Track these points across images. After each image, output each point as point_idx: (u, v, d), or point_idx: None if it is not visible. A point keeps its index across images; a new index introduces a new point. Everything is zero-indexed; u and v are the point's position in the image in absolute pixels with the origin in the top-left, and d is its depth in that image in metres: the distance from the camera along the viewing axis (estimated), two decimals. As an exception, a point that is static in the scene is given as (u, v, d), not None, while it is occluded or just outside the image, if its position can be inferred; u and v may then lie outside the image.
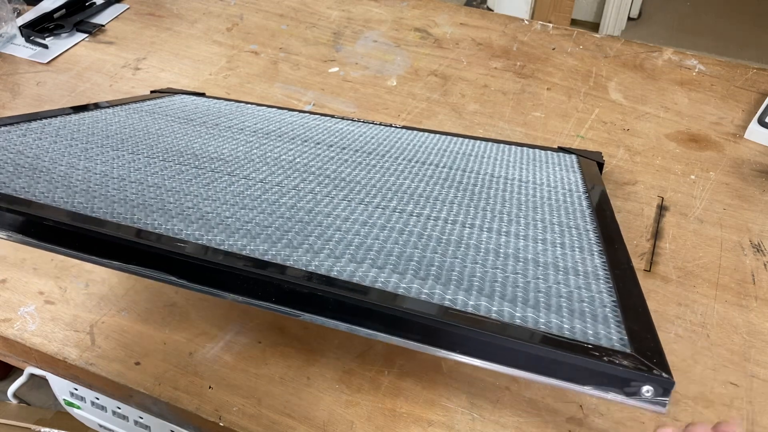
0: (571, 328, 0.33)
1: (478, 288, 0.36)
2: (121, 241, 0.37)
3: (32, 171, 0.46)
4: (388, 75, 0.86)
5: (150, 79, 0.86)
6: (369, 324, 0.34)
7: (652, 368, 0.30)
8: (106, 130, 0.59)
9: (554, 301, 0.36)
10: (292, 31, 0.95)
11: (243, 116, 0.70)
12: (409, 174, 0.55)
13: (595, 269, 0.40)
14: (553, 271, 0.39)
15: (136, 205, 0.42)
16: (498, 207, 0.49)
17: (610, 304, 0.36)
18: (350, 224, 0.43)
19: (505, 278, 0.38)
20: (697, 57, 0.87)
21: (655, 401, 0.30)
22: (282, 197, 0.47)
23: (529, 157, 0.63)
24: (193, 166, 0.52)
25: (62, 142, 0.54)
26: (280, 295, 0.35)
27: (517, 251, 0.42)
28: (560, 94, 0.82)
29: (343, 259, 0.38)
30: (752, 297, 0.57)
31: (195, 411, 0.50)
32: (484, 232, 0.44)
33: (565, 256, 0.41)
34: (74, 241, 0.38)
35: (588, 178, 0.57)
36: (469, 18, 0.96)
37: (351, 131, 0.67)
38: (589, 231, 0.46)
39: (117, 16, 1.00)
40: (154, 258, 0.37)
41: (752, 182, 0.69)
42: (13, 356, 0.59)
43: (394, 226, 0.44)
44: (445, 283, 0.36)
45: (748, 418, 0.49)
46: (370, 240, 0.41)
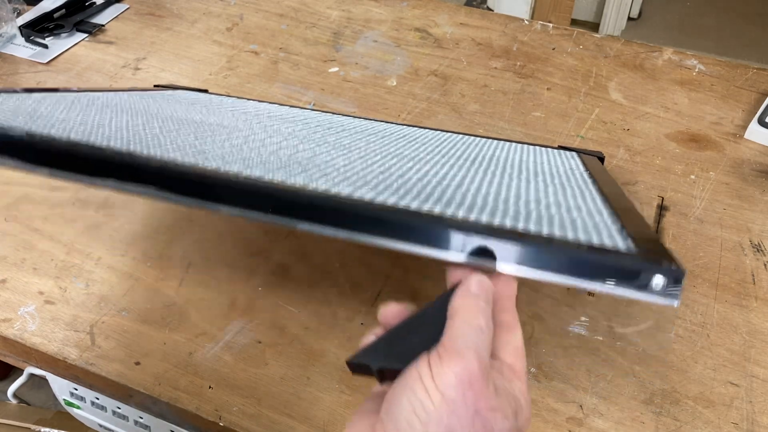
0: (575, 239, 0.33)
1: (480, 208, 0.36)
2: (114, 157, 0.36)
3: (30, 116, 0.46)
4: (388, 75, 0.86)
5: (150, 79, 0.86)
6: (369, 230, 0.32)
7: (661, 260, 0.30)
8: (104, 104, 0.58)
9: (557, 220, 0.35)
10: (292, 31, 0.95)
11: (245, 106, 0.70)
12: (407, 144, 0.54)
13: (598, 209, 0.40)
14: (555, 207, 0.39)
15: (132, 142, 0.41)
16: (499, 170, 0.49)
17: (615, 228, 0.35)
18: (349, 167, 0.42)
19: (506, 208, 0.37)
20: (697, 57, 0.87)
21: (666, 293, 0.29)
22: (280, 150, 0.46)
23: (529, 149, 0.63)
24: (192, 128, 0.51)
25: (61, 105, 0.53)
26: (277, 205, 0.33)
27: (518, 194, 0.41)
28: (560, 94, 0.82)
29: (341, 185, 0.37)
30: (752, 297, 0.57)
31: (195, 411, 0.50)
32: (484, 183, 0.43)
33: (567, 199, 0.41)
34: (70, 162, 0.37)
35: (589, 165, 0.57)
36: (469, 18, 0.96)
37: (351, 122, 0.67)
38: (592, 191, 0.46)
39: (117, 16, 0.99)
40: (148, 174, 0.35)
41: (752, 182, 0.69)
42: (12, 356, 0.60)
43: (393, 172, 0.43)
44: (445, 204, 0.36)
45: (748, 418, 0.49)
46: (369, 177, 0.40)
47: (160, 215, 0.65)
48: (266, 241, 0.63)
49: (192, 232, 0.64)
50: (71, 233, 0.64)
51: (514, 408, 0.29)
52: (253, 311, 0.57)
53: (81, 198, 0.67)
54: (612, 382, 0.51)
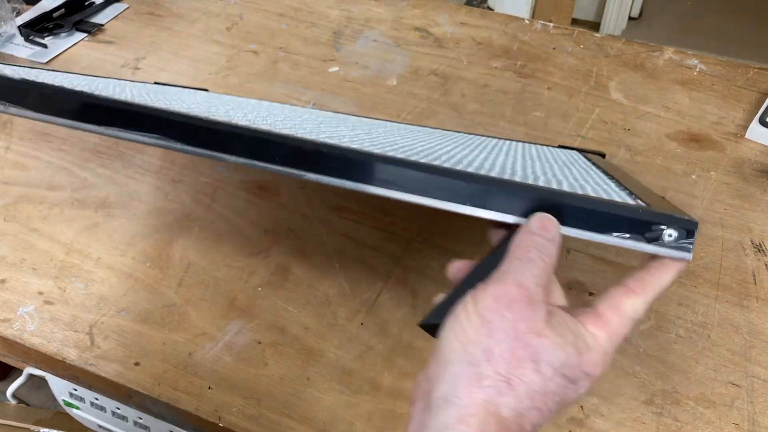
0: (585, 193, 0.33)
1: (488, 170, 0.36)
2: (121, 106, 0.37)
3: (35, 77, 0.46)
4: (388, 75, 0.86)
5: (150, 79, 0.86)
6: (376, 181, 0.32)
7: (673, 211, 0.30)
8: (105, 84, 0.58)
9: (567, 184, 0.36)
10: (291, 30, 0.95)
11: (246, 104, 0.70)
12: (412, 134, 0.54)
13: (607, 185, 0.40)
14: (565, 180, 0.39)
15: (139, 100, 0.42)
16: (501, 157, 0.49)
17: (626, 194, 0.36)
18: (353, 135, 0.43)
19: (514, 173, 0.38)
20: (698, 56, 0.86)
21: (679, 246, 0.29)
22: (286, 124, 0.46)
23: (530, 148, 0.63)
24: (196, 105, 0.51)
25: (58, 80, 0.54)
26: (283, 155, 0.34)
27: (525, 167, 0.41)
28: (561, 94, 0.82)
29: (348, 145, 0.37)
30: (753, 297, 0.57)
31: (194, 411, 0.50)
32: (488, 159, 0.43)
33: (575, 177, 0.41)
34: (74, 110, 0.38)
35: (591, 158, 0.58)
36: (469, 17, 0.96)
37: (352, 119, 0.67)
38: (598, 174, 0.46)
39: (116, 15, 0.99)
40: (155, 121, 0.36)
41: (753, 182, 0.68)
42: (12, 356, 0.59)
43: (402, 145, 0.43)
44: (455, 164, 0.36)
45: (749, 419, 0.48)
46: (376, 144, 0.40)
47: (159, 215, 0.65)
48: (266, 241, 0.63)
49: (192, 232, 0.63)
50: (70, 233, 0.64)
51: (574, 343, 0.28)
52: (253, 311, 0.56)
53: (80, 198, 0.67)
54: (613, 382, 0.51)
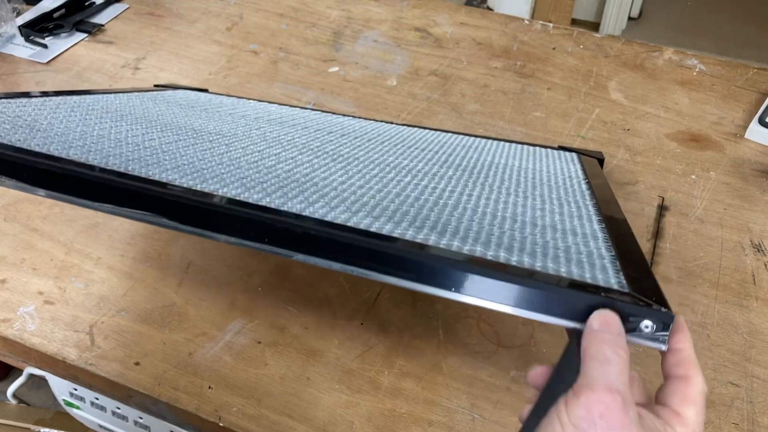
0: (569, 272, 0.32)
1: (474, 237, 0.35)
2: (114, 182, 0.36)
3: (29, 129, 0.46)
4: (388, 75, 0.86)
5: (150, 79, 0.86)
6: (361, 262, 0.32)
7: (651, 304, 0.30)
8: (105, 108, 0.58)
9: (551, 252, 0.35)
10: (292, 30, 0.95)
11: (245, 108, 0.70)
12: (408, 156, 0.54)
13: (594, 232, 0.39)
14: (551, 231, 0.38)
15: (131, 159, 0.41)
16: (497, 183, 0.48)
17: (609, 257, 0.35)
18: (346, 186, 0.42)
19: (502, 233, 0.37)
20: (697, 57, 0.86)
21: (655, 337, 0.29)
22: (279, 164, 0.46)
23: (528, 152, 0.63)
24: (191, 137, 0.51)
25: (61, 113, 0.53)
26: (273, 235, 0.34)
27: (515, 215, 0.41)
28: (560, 94, 0.82)
29: (338, 209, 0.37)
30: (753, 297, 0.57)
31: (194, 411, 0.50)
32: (482, 200, 0.43)
33: (563, 221, 0.41)
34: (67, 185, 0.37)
35: (588, 170, 0.57)
36: (469, 17, 0.96)
37: (351, 124, 0.67)
38: (588, 205, 0.45)
39: (116, 15, 0.99)
40: (146, 199, 0.36)
41: (753, 182, 0.68)
42: (12, 356, 0.59)
43: (391, 190, 0.43)
44: (441, 232, 0.36)
45: (748, 418, 0.49)
46: (366, 198, 0.40)
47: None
48: (266, 241, 0.63)
49: (192, 232, 0.63)
50: (70, 233, 0.64)
51: None
52: (253, 311, 0.56)
53: (80, 198, 0.67)
54: (612, 382, 0.51)
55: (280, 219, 0.34)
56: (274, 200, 0.37)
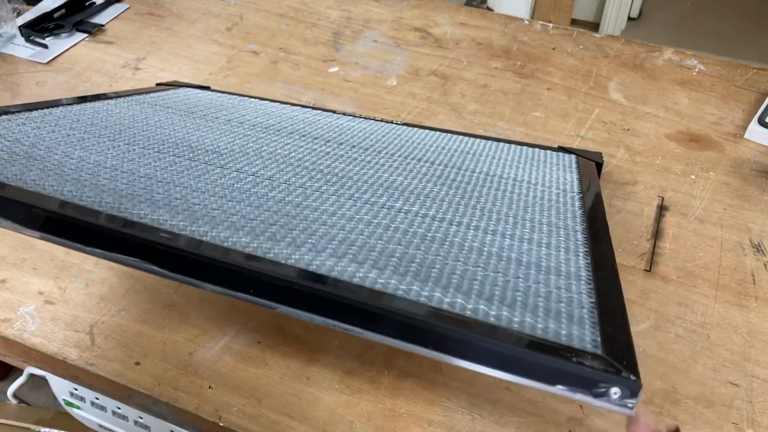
0: (545, 327, 0.33)
1: (456, 285, 0.36)
2: (103, 229, 0.38)
3: (26, 159, 0.47)
4: (388, 75, 0.86)
5: (150, 79, 0.86)
6: (343, 318, 0.34)
7: (621, 370, 0.30)
8: (105, 120, 0.59)
9: (531, 300, 0.36)
10: (292, 30, 0.95)
11: (244, 109, 0.70)
12: (403, 171, 0.55)
13: (578, 270, 0.40)
14: (534, 271, 0.39)
15: (124, 195, 0.43)
16: (488, 205, 0.49)
17: (588, 305, 0.36)
18: (336, 219, 0.43)
19: (485, 276, 0.38)
20: (697, 57, 0.86)
21: (622, 403, 0.30)
22: (272, 191, 0.47)
23: (527, 156, 0.63)
24: (187, 158, 0.52)
25: (60, 131, 0.54)
26: (257, 287, 0.35)
27: (501, 250, 0.42)
28: (560, 94, 0.82)
29: (323, 253, 0.38)
30: (752, 297, 0.57)
31: (195, 411, 0.50)
32: (470, 230, 0.44)
33: (549, 256, 0.41)
34: (59, 228, 0.39)
35: (584, 179, 0.57)
36: (469, 18, 0.96)
37: (351, 127, 0.67)
38: (578, 232, 0.46)
39: (117, 15, 0.99)
40: (135, 246, 0.37)
41: (752, 182, 0.68)
42: (12, 356, 0.59)
43: (381, 222, 0.43)
44: (423, 279, 0.36)
45: (748, 418, 0.49)
46: (353, 235, 0.41)
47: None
48: (266, 241, 0.63)
49: (192, 232, 0.63)
50: (71, 233, 0.64)
51: None
52: (253, 311, 0.56)
53: (81, 198, 0.67)
54: (612, 382, 0.51)
55: (264, 273, 0.35)
56: (262, 244, 0.38)
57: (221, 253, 0.36)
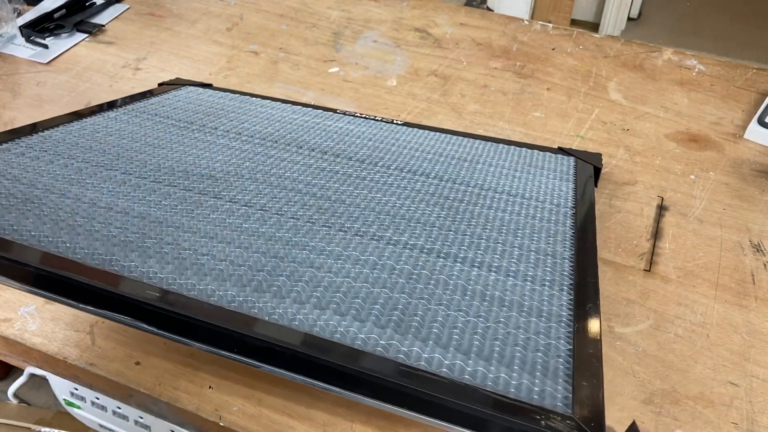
0: (519, 384, 0.35)
1: (436, 337, 0.38)
2: (95, 289, 0.40)
3: (24, 202, 0.48)
4: (388, 75, 0.86)
5: (150, 79, 0.86)
6: (321, 378, 0.36)
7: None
8: (103, 142, 0.60)
9: (509, 351, 0.37)
10: (292, 31, 0.95)
11: (244, 114, 0.70)
12: (397, 189, 0.56)
13: (560, 309, 0.41)
14: (516, 312, 0.41)
15: (116, 244, 0.44)
16: (478, 230, 0.50)
17: (565, 354, 0.37)
18: (323, 258, 0.44)
19: (466, 323, 0.39)
20: (696, 57, 0.87)
21: None
22: (263, 225, 0.48)
23: (525, 161, 0.63)
24: (182, 187, 0.53)
25: (59, 161, 0.55)
26: (240, 347, 0.37)
27: (486, 287, 0.43)
28: (560, 94, 0.82)
29: (307, 304, 0.40)
30: (752, 297, 0.57)
31: (195, 411, 0.50)
32: (457, 264, 0.45)
33: (533, 293, 0.43)
34: (51, 287, 0.41)
35: (580, 189, 0.58)
36: (469, 18, 0.96)
37: (349, 132, 0.67)
38: (565, 259, 0.47)
39: (117, 16, 1.00)
40: (125, 306, 0.39)
41: (752, 182, 0.69)
42: (13, 356, 0.60)
43: (368, 258, 0.45)
44: (403, 332, 0.38)
45: (748, 418, 0.49)
46: (339, 278, 0.42)
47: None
48: (266, 241, 0.63)
49: (192, 232, 0.63)
50: (71, 233, 0.64)
51: None
52: (253, 311, 0.56)
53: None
54: (612, 381, 0.51)
55: (245, 334, 0.37)
56: (248, 296, 0.40)
57: (206, 315, 0.38)
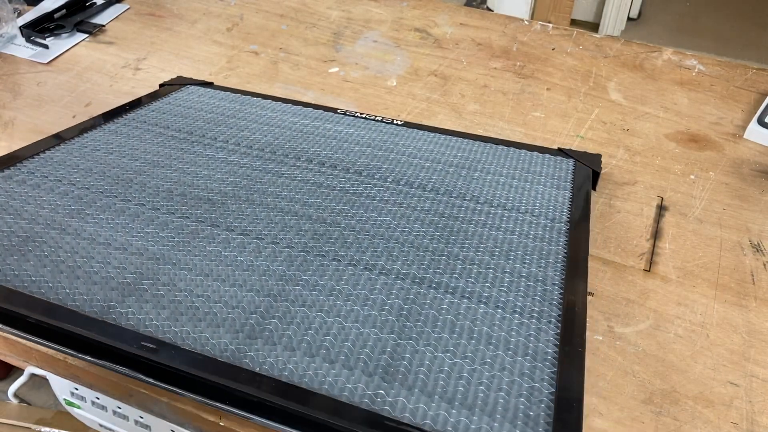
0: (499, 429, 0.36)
1: (422, 384, 0.39)
2: (93, 342, 0.42)
3: (25, 241, 0.50)
4: (388, 75, 0.86)
5: (150, 79, 0.86)
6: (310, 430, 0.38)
7: None
8: (103, 163, 0.61)
9: (492, 397, 0.39)
10: (292, 31, 0.95)
11: (244, 120, 0.70)
12: (393, 206, 0.57)
13: (546, 345, 0.43)
14: (502, 351, 0.42)
15: (114, 287, 0.46)
16: (471, 254, 0.51)
17: (547, 399, 0.39)
18: (316, 295, 0.46)
19: (452, 366, 0.41)
20: (696, 57, 0.87)
21: None
22: (258, 257, 0.50)
23: (523, 167, 0.63)
24: (179, 214, 0.54)
25: (59, 188, 0.56)
26: (232, 400, 0.39)
27: (474, 323, 0.44)
28: (560, 94, 0.82)
29: (298, 351, 0.41)
30: (752, 297, 0.57)
31: (195, 411, 0.50)
32: (447, 296, 0.47)
33: (520, 327, 0.44)
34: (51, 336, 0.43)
35: (577, 200, 0.59)
36: (469, 18, 0.96)
37: (349, 136, 0.67)
38: (555, 285, 0.48)
39: (117, 16, 1.00)
40: (123, 360, 0.42)
41: (752, 182, 0.69)
42: (13, 356, 0.60)
43: (360, 293, 0.46)
44: (390, 380, 0.40)
45: (747, 418, 0.49)
46: (330, 318, 0.44)
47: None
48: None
49: (192, 232, 0.63)
50: (72, 233, 0.64)
51: None
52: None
53: (81, 198, 0.67)
54: (612, 381, 0.51)
55: (236, 389, 0.39)
56: (241, 343, 0.42)
57: (200, 369, 0.40)
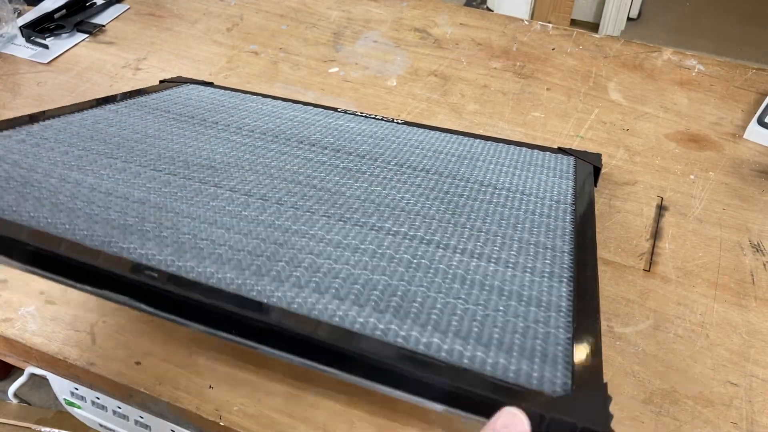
0: (518, 370, 0.34)
1: (435, 323, 0.37)
2: (92, 267, 0.38)
3: (23, 185, 0.47)
4: (388, 75, 0.86)
5: (150, 79, 0.86)
6: (320, 359, 0.35)
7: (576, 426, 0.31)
8: (104, 132, 0.59)
9: (508, 338, 0.36)
10: (292, 31, 0.95)
11: (244, 110, 0.70)
12: (397, 183, 0.54)
13: (559, 299, 0.40)
14: (515, 302, 0.39)
15: (116, 227, 0.43)
16: (478, 223, 0.49)
17: (564, 342, 0.36)
18: (323, 246, 0.43)
19: (465, 310, 0.38)
20: (696, 57, 0.87)
21: None
22: (262, 213, 0.47)
23: (524, 160, 0.63)
24: (182, 176, 0.52)
25: (59, 148, 0.54)
26: (239, 328, 0.36)
27: (485, 278, 0.42)
28: (560, 94, 0.82)
29: (306, 288, 0.39)
30: (752, 297, 0.57)
31: (195, 410, 0.50)
32: (456, 254, 0.44)
33: (532, 284, 0.42)
34: (50, 265, 0.40)
35: (579, 187, 0.57)
36: (469, 18, 0.97)
37: (349, 129, 0.67)
38: (565, 253, 0.46)
39: (117, 16, 1.00)
40: (124, 285, 0.38)
41: (752, 182, 0.69)
42: (13, 356, 0.60)
43: (368, 247, 0.44)
44: (402, 317, 0.37)
45: (747, 418, 0.49)
46: (339, 265, 0.41)
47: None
48: (266, 241, 0.63)
49: (192, 232, 0.64)
50: (72, 233, 0.64)
51: None
52: (254, 311, 0.57)
53: (81, 198, 0.67)
54: (611, 381, 0.51)
55: (243, 315, 0.36)
56: (246, 279, 0.39)
57: (204, 295, 0.37)
